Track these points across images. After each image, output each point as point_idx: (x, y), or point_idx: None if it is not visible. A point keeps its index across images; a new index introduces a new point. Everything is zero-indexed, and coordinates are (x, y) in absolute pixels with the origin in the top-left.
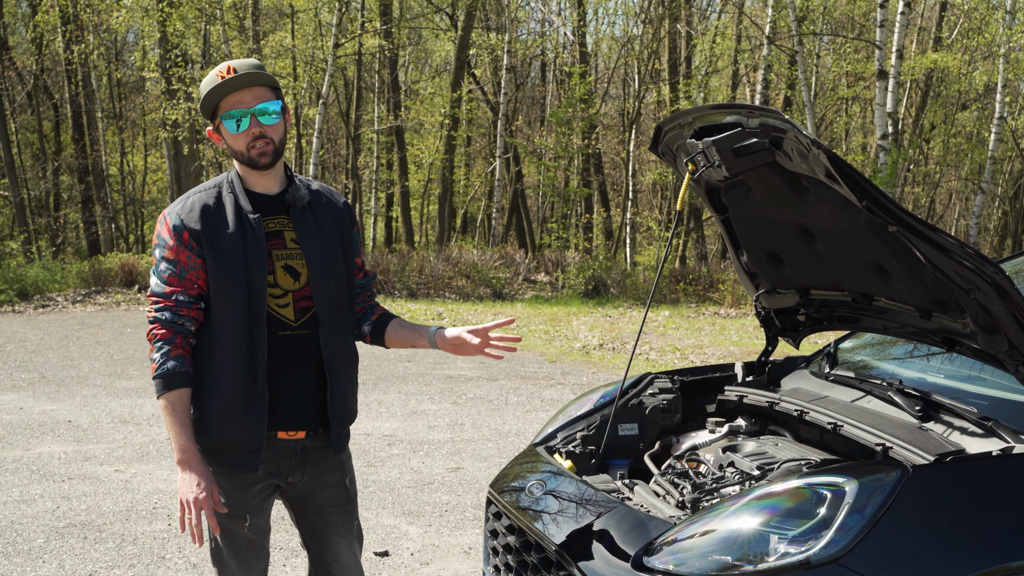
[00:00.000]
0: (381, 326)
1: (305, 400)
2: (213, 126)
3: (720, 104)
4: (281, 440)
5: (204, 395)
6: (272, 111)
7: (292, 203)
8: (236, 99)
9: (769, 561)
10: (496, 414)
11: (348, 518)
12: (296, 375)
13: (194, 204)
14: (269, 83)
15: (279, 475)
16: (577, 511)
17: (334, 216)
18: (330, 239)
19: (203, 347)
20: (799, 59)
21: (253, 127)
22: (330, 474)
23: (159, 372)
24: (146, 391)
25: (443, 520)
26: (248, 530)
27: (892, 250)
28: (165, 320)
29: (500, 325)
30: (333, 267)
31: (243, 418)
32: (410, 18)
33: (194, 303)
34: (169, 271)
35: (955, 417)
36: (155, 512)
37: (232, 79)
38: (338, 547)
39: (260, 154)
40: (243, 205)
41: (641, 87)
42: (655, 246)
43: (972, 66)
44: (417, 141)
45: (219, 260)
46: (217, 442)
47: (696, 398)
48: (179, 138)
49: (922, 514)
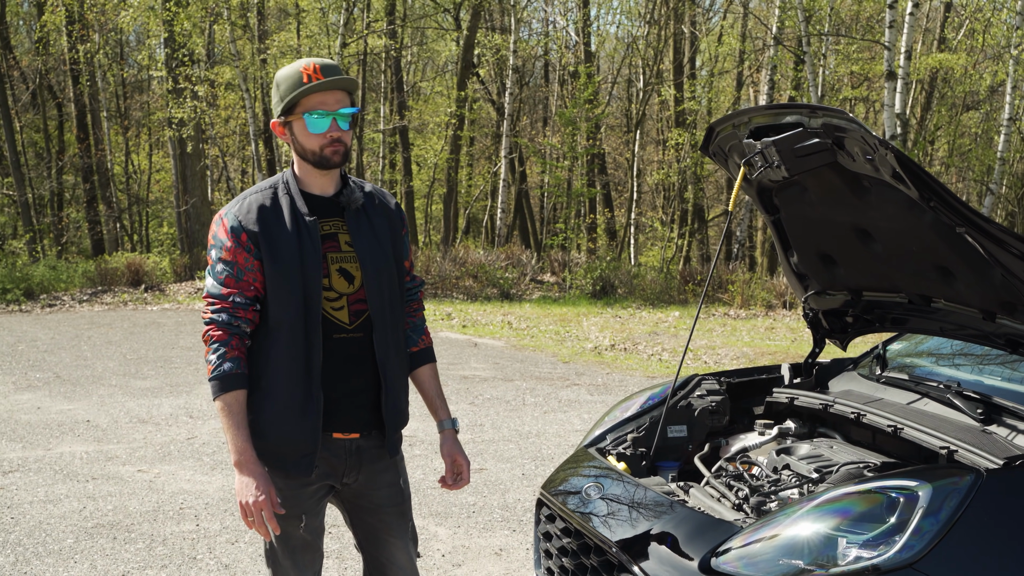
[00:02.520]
0: (415, 365)
1: (359, 403)
2: (282, 120)
3: (779, 104)
4: (336, 440)
5: (259, 398)
6: (350, 116)
7: (347, 205)
8: (319, 99)
9: (841, 566)
10: (515, 415)
11: (403, 519)
12: (351, 378)
13: (251, 205)
14: (350, 88)
15: (334, 475)
16: (636, 513)
17: (386, 218)
18: (383, 242)
19: (258, 350)
20: (807, 60)
21: (333, 131)
22: (384, 474)
23: (216, 374)
24: (162, 391)
25: (471, 521)
26: (304, 531)
27: (957, 251)
28: (222, 322)
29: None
30: (386, 270)
31: (298, 421)
32: (415, 18)
33: (250, 305)
34: (226, 272)
35: (1019, 420)
36: (182, 513)
37: (323, 82)
38: (393, 548)
39: (334, 153)
40: (299, 207)
41: (647, 88)
42: (659, 247)
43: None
44: (421, 141)
45: (276, 262)
46: (272, 445)
47: (742, 400)
48: (184, 136)
49: (996, 519)
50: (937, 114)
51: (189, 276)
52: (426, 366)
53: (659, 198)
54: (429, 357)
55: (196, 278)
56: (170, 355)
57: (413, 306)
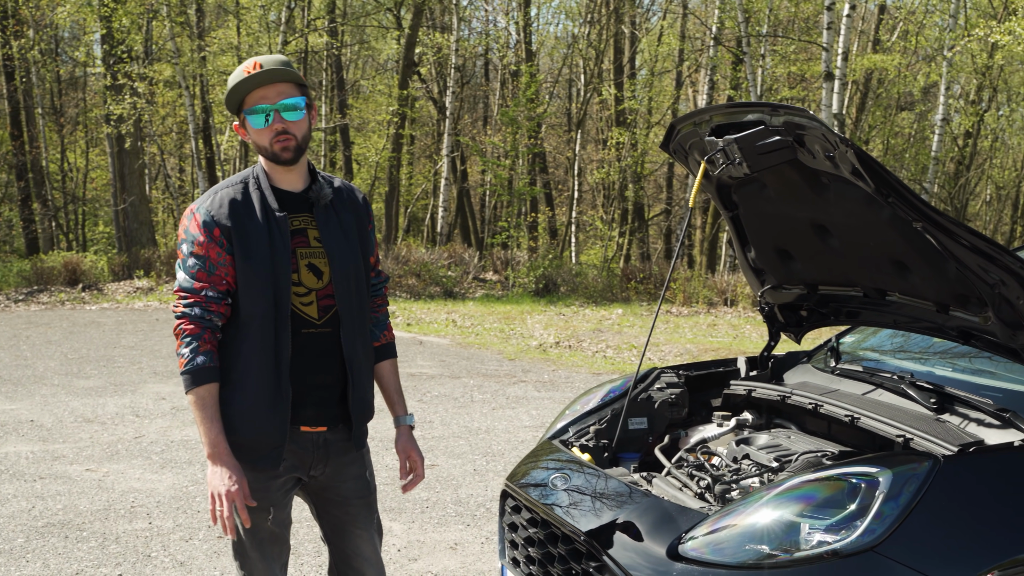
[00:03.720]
0: (376, 360)
1: (327, 397)
2: (239, 120)
3: (741, 103)
4: (304, 433)
5: (229, 392)
6: (296, 107)
7: (316, 201)
8: (260, 94)
9: (805, 550)
10: (463, 411)
11: (369, 511)
12: (319, 373)
13: (223, 200)
14: (294, 79)
15: (301, 468)
16: (603, 503)
17: (355, 214)
18: (351, 238)
19: (229, 344)
20: (747, 60)
21: (276, 123)
22: (351, 467)
23: (188, 368)
24: (106, 390)
25: (425, 516)
26: (271, 523)
27: (914, 245)
28: (194, 316)
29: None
30: (354, 266)
31: (267, 415)
32: (356, 17)
33: (222, 299)
34: (198, 267)
35: (970, 409)
36: (134, 511)
37: (257, 74)
38: (359, 540)
39: (283, 149)
40: (270, 202)
41: (588, 87)
42: (600, 245)
43: (911, 68)
44: (361, 140)
45: (248, 257)
46: (241, 438)
47: (700, 392)
48: (124, 133)
49: (952, 503)
50: (872, 114)
51: (127, 275)
52: (386, 361)
53: (599, 197)
54: (390, 353)
55: (135, 277)
56: (112, 354)
57: (377, 301)
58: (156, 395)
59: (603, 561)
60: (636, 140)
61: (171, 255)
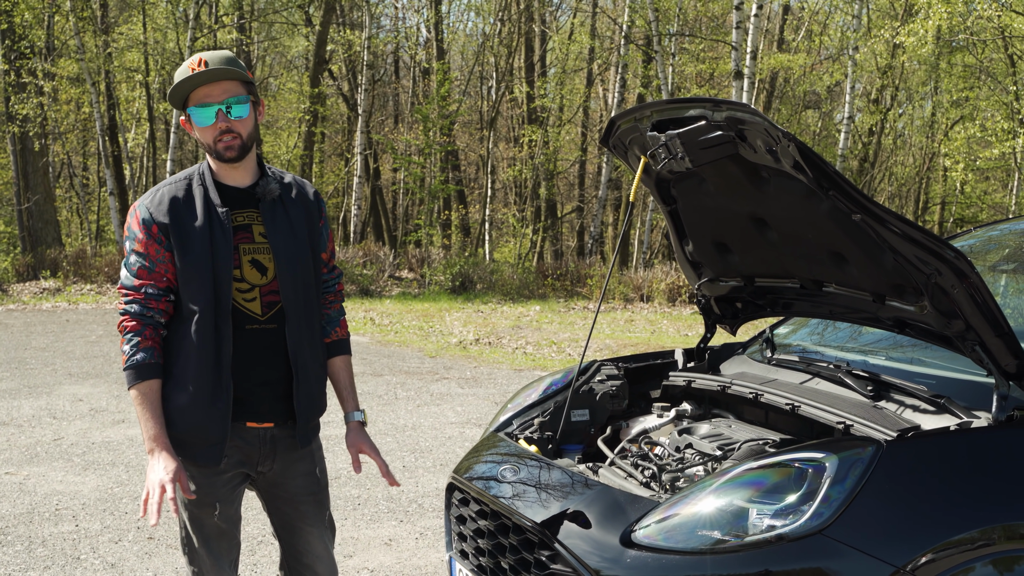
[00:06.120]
0: (328, 355)
1: (273, 394)
2: (185, 117)
3: (682, 98)
4: (250, 428)
5: (170, 387)
6: (240, 105)
7: (262, 197)
8: (205, 92)
9: (755, 535)
10: (388, 409)
11: (319, 508)
12: (263, 369)
13: (163, 197)
14: (240, 77)
15: (248, 464)
16: (554, 493)
17: (304, 209)
18: (299, 234)
19: (171, 339)
20: (658, 58)
21: (220, 121)
22: (300, 463)
23: (129, 363)
24: (20, 392)
25: (358, 514)
26: (218, 519)
27: (852, 237)
28: (134, 312)
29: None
30: (301, 262)
31: (207, 411)
32: (265, 13)
33: (163, 296)
34: (139, 264)
35: (906, 396)
36: (59, 514)
37: (202, 72)
38: (310, 536)
39: (226, 148)
40: (212, 198)
41: (500, 85)
42: (514, 242)
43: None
44: (271, 138)
45: (186, 254)
46: (181, 434)
47: (640, 384)
48: (30, 133)
49: (896, 486)
50: (778, 113)
51: (33, 276)
52: (339, 357)
53: (512, 194)
54: (343, 349)
55: (41, 278)
56: (23, 356)
57: (329, 297)
58: (73, 396)
59: (556, 550)
60: (548, 138)
61: (78, 255)
